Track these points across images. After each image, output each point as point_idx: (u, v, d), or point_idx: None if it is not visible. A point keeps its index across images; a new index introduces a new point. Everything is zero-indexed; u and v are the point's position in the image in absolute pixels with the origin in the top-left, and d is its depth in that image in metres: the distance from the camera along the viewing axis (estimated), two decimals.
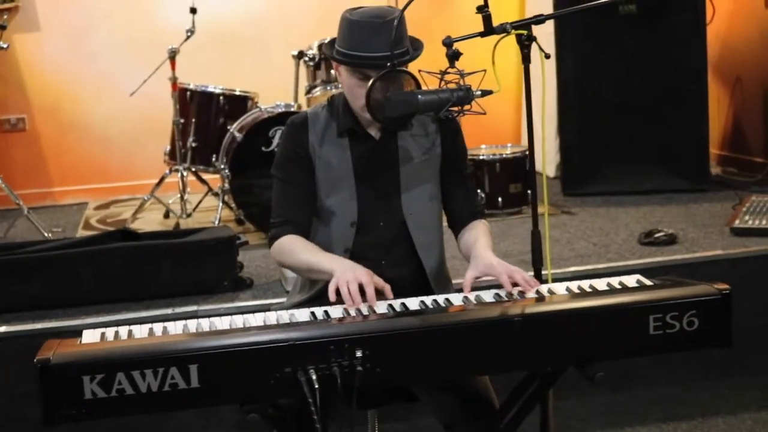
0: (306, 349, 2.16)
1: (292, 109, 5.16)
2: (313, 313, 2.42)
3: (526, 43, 2.66)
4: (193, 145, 5.50)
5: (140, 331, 2.34)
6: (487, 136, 5.87)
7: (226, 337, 2.19)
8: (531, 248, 2.80)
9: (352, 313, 2.42)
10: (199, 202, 5.65)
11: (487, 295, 2.52)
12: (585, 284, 2.52)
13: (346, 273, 2.50)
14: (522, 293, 2.50)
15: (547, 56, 2.65)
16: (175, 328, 2.35)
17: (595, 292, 2.45)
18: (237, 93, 5.59)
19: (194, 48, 5.56)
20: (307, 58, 5.38)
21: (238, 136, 5.06)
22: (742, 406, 4.05)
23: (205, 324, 2.36)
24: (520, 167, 5.42)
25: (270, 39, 6.66)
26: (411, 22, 2.78)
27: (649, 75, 5.65)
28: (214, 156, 5.49)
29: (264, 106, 5.31)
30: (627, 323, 2.31)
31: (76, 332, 3.67)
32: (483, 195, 5.31)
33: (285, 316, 2.41)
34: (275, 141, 5.01)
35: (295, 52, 5.39)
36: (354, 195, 2.78)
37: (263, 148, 5.02)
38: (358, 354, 2.17)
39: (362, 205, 2.78)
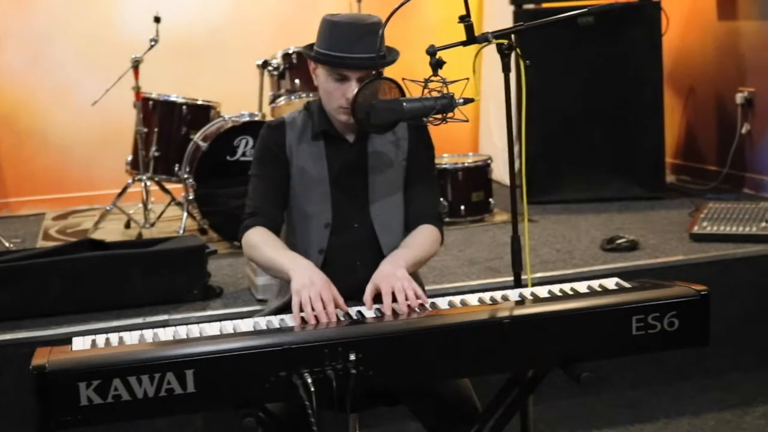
0: (300, 353, 2.19)
1: (257, 119, 5.17)
2: (302, 319, 2.44)
3: (506, 52, 2.72)
4: (156, 154, 5.49)
5: (131, 338, 2.35)
6: (447, 145, 5.93)
7: (222, 342, 2.21)
8: (511, 253, 2.85)
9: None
10: (163, 212, 5.64)
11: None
12: (566, 287, 2.58)
13: (305, 290, 2.48)
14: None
15: (528, 64, 2.71)
16: (165, 334, 2.36)
17: (579, 294, 2.51)
18: (199, 102, 5.60)
19: (155, 57, 5.55)
20: (271, 68, 5.39)
21: (203, 145, 5.06)
22: (705, 407, 4.14)
23: (195, 330, 2.38)
24: (482, 176, 5.48)
25: (231, 48, 6.67)
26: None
27: (607, 85, 5.76)
28: (177, 165, 5.48)
29: (227, 116, 5.32)
30: (611, 324, 2.37)
31: (45, 342, 3.74)
32: (446, 203, 5.36)
33: (275, 321, 2.43)
34: (240, 150, 5.02)
35: (260, 62, 5.41)
36: (328, 197, 2.82)
37: (228, 158, 5.03)
38: (352, 357, 2.20)
39: (336, 208, 2.82)
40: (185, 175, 5.29)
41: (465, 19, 2.69)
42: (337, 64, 2.71)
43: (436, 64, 2.61)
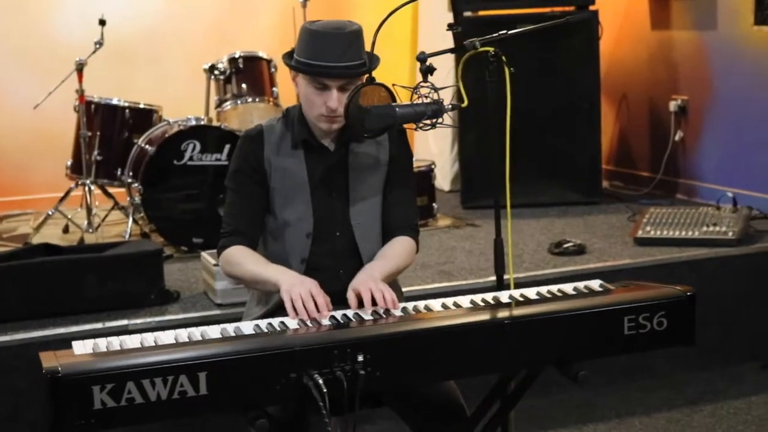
0: (310, 355, 2.21)
1: (203, 123, 5.15)
2: (302, 321, 2.46)
3: (491, 59, 2.77)
4: (98, 158, 5.41)
5: (132, 342, 2.34)
6: None
7: (233, 344, 2.21)
8: (494, 256, 2.91)
9: (309, 324, 2.47)
10: (106, 216, 5.56)
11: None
12: (553, 288, 2.65)
13: (296, 288, 2.55)
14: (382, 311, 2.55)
15: (512, 71, 2.77)
16: (167, 337, 2.36)
17: (571, 295, 2.58)
18: (141, 106, 5.55)
19: (91, 61, 5.46)
20: (217, 72, 5.37)
21: (150, 149, 5.02)
22: (654, 406, 4.26)
23: (196, 333, 2.38)
24: (426, 181, 5.53)
25: (167, 53, 6.61)
26: None
27: (545, 91, 5.87)
28: (120, 170, 5.42)
29: (172, 120, 5.28)
30: (605, 324, 2.45)
31: (4, 349, 3.68)
32: None
33: (276, 323, 2.44)
34: (187, 154, 4.99)
35: (207, 66, 5.38)
36: (309, 206, 2.84)
37: (175, 162, 5.00)
38: (360, 358, 2.23)
39: (318, 216, 2.84)
40: (129, 179, 5.24)
41: (454, 27, 2.74)
42: (317, 73, 2.73)
43: (427, 71, 2.65)
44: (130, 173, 5.25)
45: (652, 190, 6.17)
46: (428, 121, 2.63)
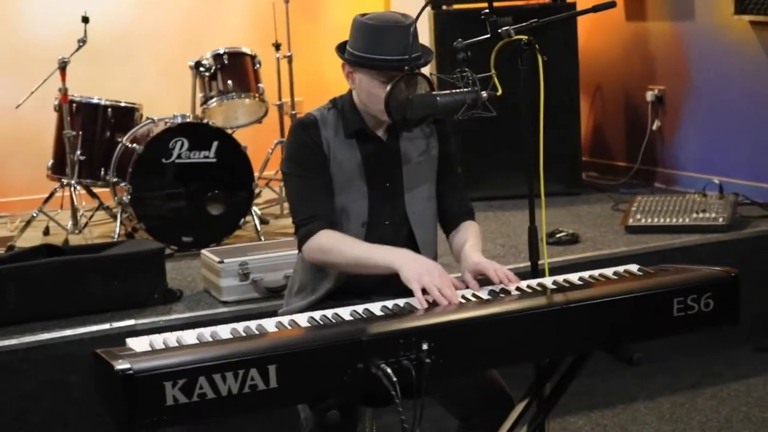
0: (377, 344, 2.20)
1: (189, 120, 5.10)
2: (356, 311, 2.45)
3: (523, 47, 2.79)
4: (81, 158, 5.32)
5: (189, 338, 2.31)
6: None
7: (301, 336, 2.20)
8: (528, 243, 2.93)
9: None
10: (91, 216, 5.49)
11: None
12: (595, 273, 2.67)
13: (424, 277, 2.53)
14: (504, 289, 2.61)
15: (545, 60, 2.79)
16: (224, 332, 2.33)
17: (615, 279, 2.60)
18: (123, 104, 5.47)
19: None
20: (202, 69, 5.32)
21: (138, 147, 4.95)
22: (657, 391, 4.31)
23: (252, 326, 2.36)
24: None
25: (142, 50, 6.54)
26: (280, 30, 2.81)
27: (525, 84, 5.88)
28: (103, 169, 5.34)
29: (157, 117, 5.23)
30: (656, 306, 2.47)
31: (9, 352, 3.61)
32: None
33: (329, 315, 2.43)
34: (175, 152, 4.94)
35: (192, 63, 5.32)
36: (365, 194, 2.84)
37: (163, 160, 4.94)
38: (424, 347, 2.22)
39: (371, 205, 2.84)
40: (114, 179, 5.17)
41: (489, 16, 2.75)
42: (388, 67, 2.72)
43: (465, 59, 2.66)
44: (115, 172, 5.18)
45: (630, 180, 6.24)
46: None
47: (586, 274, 2.67)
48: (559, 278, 2.65)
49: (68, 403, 3.71)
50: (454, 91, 2.64)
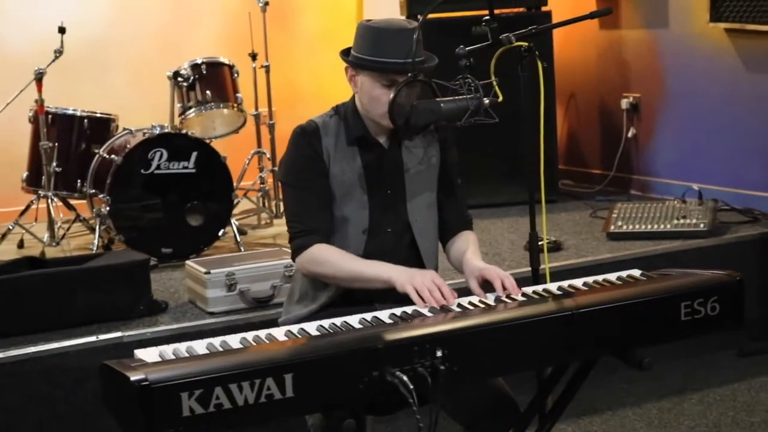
0: (392, 352, 2.18)
1: (167, 130, 5.05)
2: (364, 319, 2.43)
3: (525, 54, 2.79)
4: (57, 170, 5.25)
5: (199, 348, 2.27)
6: None
7: (315, 344, 2.17)
8: (529, 249, 2.93)
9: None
10: (68, 228, 5.41)
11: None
12: (599, 278, 2.67)
13: (417, 278, 2.57)
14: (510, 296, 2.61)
15: (545, 66, 2.79)
16: (234, 341, 2.30)
17: (621, 284, 2.60)
18: (98, 115, 5.41)
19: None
20: (180, 79, 5.27)
21: (116, 159, 4.89)
22: (643, 397, 4.32)
23: (262, 335, 2.33)
24: None
25: (114, 61, 6.47)
26: (256, 39, 2.79)
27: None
28: (80, 181, 5.27)
29: (134, 128, 5.18)
30: (663, 310, 2.48)
31: None
32: None
33: (338, 323, 2.41)
34: (154, 163, 4.89)
35: (170, 73, 5.27)
36: (365, 203, 2.82)
37: (142, 171, 4.89)
38: (438, 354, 2.21)
39: (372, 213, 2.83)
40: (92, 190, 5.11)
41: (489, 22, 2.75)
42: (392, 70, 2.71)
43: (468, 66, 2.65)
44: (92, 184, 5.11)
45: (605, 187, 6.27)
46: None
47: (590, 279, 2.67)
48: (564, 284, 2.65)
49: (55, 417, 3.65)
50: (457, 97, 2.63)
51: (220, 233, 5.06)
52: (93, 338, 3.75)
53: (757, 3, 5.15)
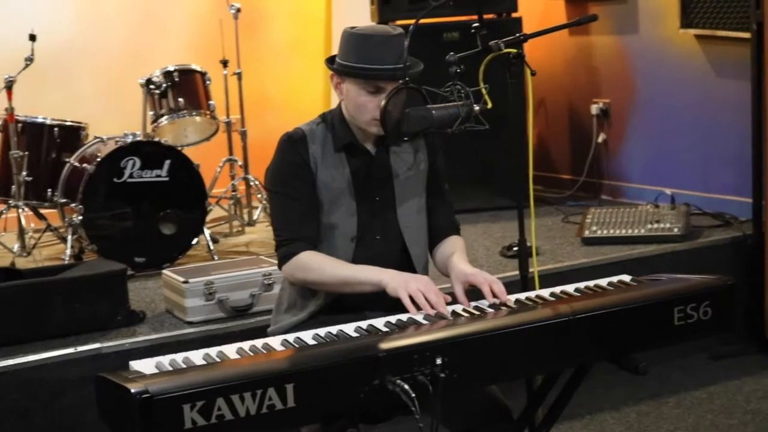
0: (392, 360, 2.17)
1: (140, 138, 5.00)
2: (360, 328, 2.42)
3: (513, 60, 2.80)
4: (27, 179, 5.18)
5: (196, 358, 2.25)
6: None
7: (316, 353, 2.16)
8: (518, 257, 2.93)
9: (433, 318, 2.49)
10: (39, 238, 5.34)
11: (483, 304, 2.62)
12: (590, 284, 2.68)
13: (411, 283, 2.56)
14: (502, 303, 2.60)
15: (533, 73, 2.79)
16: (230, 351, 2.28)
17: (614, 290, 2.61)
18: (69, 124, 5.35)
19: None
20: (153, 86, 5.23)
21: (89, 167, 4.83)
22: (620, 401, 4.34)
23: (259, 345, 2.31)
24: None
25: (79, 68, 6.40)
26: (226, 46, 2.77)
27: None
28: (50, 190, 5.20)
29: (106, 137, 5.13)
30: (657, 315, 2.49)
31: None
32: None
33: (334, 332, 2.39)
34: (127, 171, 4.84)
35: (143, 80, 5.23)
36: (354, 210, 2.81)
37: (115, 179, 4.84)
38: (438, 361, 2.20)
39: (361, 220, 2.82)
40: (63, 200, 5.04)
41: (479, 29, 2.76)
42: (376, 76, 2.70)
43: (459, 73, 2.65)
44: (63, 193, 5.05)
45: (576, 193, 6.31)
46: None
47: (581, 285, 2.68)
48: (556, 290, 2.66)
49: (32, 430, 3.59)
50: (448, 104, 2.63)
51: (194, 242, 5.02)
52: (71, 350, 3.70)
53: (727, 9, 5.20)
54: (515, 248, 4.84)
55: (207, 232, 5.16)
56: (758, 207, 4.84)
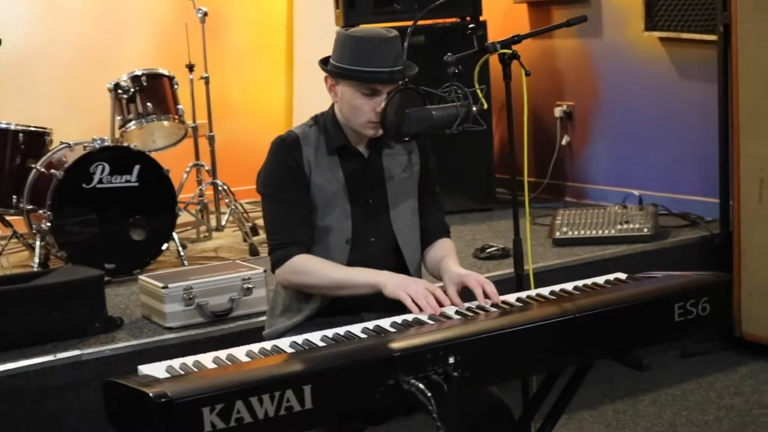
0: (406, 360, 2.17)
1: (108, 144, 4.95)
2: (367, 328, 2.42)
3: (507, 61, 2.81)
4: None
5: (207, 362, 2.23)
6: None
7: (332, 354, 2.15)
8: (513, 256, 2.95)
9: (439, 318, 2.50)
10: (6, 245, 5.25)
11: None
12: (588, 282, 2.70)
13: (411, 286, 2.57)
14: (494, 304, 2.62)
15: (528, 74, 2.81)
16: (240, 354, 2.26)
17: (613, 288, 2.64)
18: (33, 129, 5.26)
19: None
20: (120, 91, 5.17)
21: (57, 173, 4.76)
22: (597, 399, 4.38)
23: (268, 347, 2.29)
24: None
25: (38, 73, 6.31)
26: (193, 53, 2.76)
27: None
28: (15, 197, 5.12)
29: (73, 142, 5.06)
30: (658, 312, 2.52)
31: None
32: None
33: (342, 332, 2.39)
34: (96, 177, 4.79)
35: (111, 85, 5.17)
36: (348, 213, 2.81)
37: (84, 185, 4.78)
38: (451, 360, 2.21)
39: (355, 222, 2.82)
40: (29, 206, 4.97)
41: (476, 30, 2.77)
42: (372, 79, 2.71)
43: (457, 74, 2.66)
44: (29, 199, 4.98)
45: (540, 195, 6.35)
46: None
47: (579, 283, 2.70)
48: (555, 288, 2.68)
49: None
50: (447, 105, 2.64)
51: (164, 247, 4.98)
52: (51, 357, 3.65)
53: (692, 12, 5.28)
54: (488, 250, 4.89)
55: (176, 237, 5.11)
56: (725, 207, 4.92)
